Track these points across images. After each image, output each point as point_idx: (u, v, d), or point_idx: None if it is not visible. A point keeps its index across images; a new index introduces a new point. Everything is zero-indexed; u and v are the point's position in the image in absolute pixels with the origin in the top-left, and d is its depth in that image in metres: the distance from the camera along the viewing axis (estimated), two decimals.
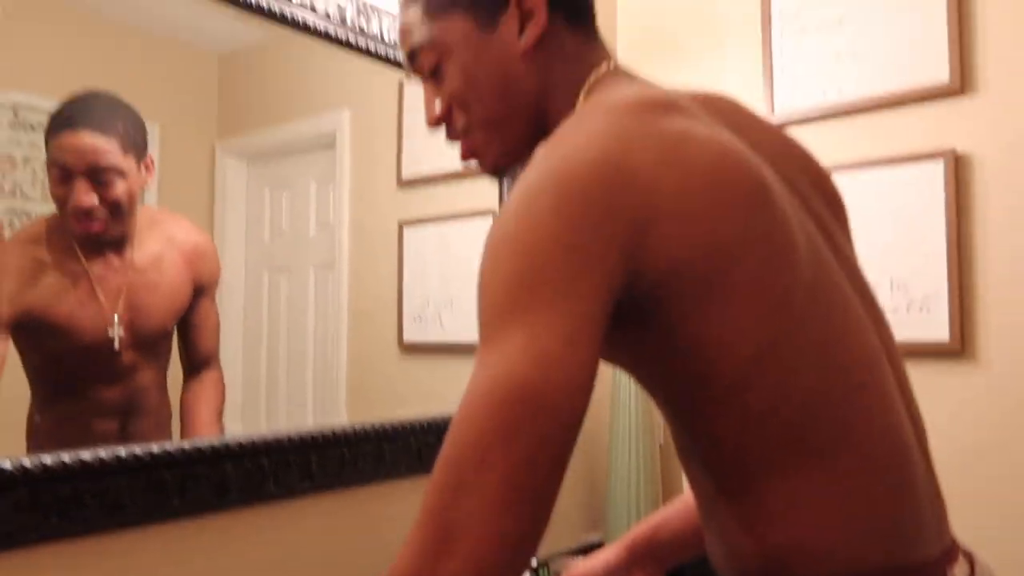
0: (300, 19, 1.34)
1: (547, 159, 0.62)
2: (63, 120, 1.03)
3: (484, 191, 1.72)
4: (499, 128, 0.79)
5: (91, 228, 1.05)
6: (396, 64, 1.51)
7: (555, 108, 0.79)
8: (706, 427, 0.66)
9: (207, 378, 1.24)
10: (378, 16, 1.46)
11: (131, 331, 1.10)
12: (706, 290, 0.61)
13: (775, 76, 1.83)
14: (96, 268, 1.06)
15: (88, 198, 1.04)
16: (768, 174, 0.68)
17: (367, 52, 1.45)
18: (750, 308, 0.62)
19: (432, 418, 1.54)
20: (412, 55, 0.82)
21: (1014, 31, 1.55)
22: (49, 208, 1.06)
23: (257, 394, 1.35)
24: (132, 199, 1.10)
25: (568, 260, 0.57)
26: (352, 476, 1.39)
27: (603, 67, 0.78)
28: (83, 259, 1.04)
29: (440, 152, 1.65)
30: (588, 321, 0.57)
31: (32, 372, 1.01)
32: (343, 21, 1.39)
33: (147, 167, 1.13)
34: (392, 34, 1.48)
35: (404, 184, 1.59)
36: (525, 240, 0.58)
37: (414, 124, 1.60)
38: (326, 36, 1.38)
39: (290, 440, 1.30)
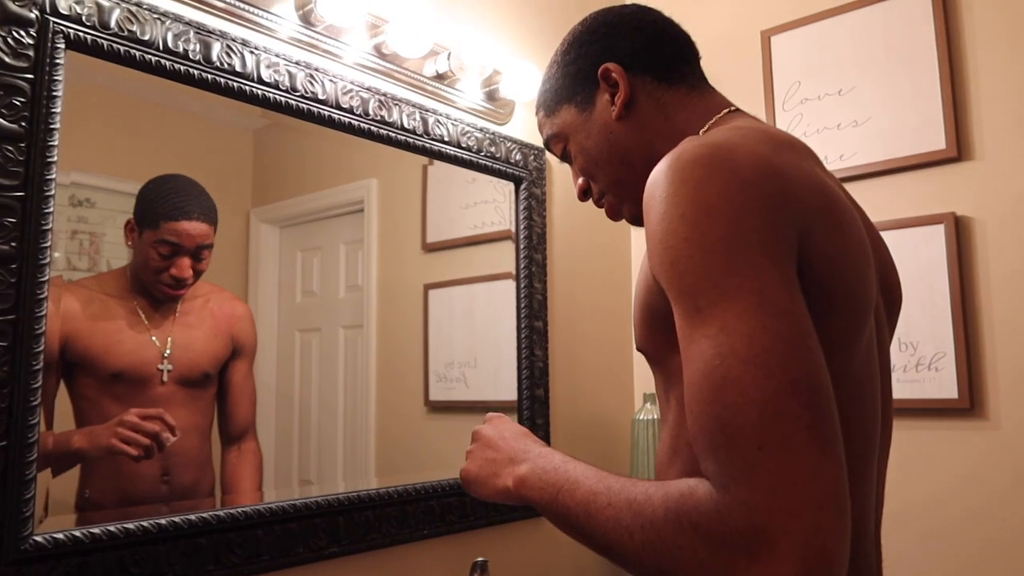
0: (326, 115, 1.39)
1: (703, 145, 0.64)
2: (179, 209, 1.20)
3: (504, 256, 1.77)
4: (624, 185, 0.89)
5: (177, 293, 1.23)
6: (415, 149, 1.56)
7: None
8: None
9: (246, 448, 1.30)
10: (399, 107, 1.52)
11: (177, 366, 1.22)
12: (819, 308, 0.63)
13: None
14: (149, 311, 1.22)
15: (188, 272, 1.22)
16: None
17: (388, 140, 1.51)
18: (834, 343, 0.66)
19: (453, 479, 1.54)
20: (548, 147, 0.98)
21: (1006, 100, 1.63)
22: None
23: (290, 453, 1.37)
24: None
25: (766, 223, 0.60)
26: (377, 539, 1.40)
27: (723, 111, 0.86)
28: (138, 303, 1.20)
29: (462, 219, 1.70)
30: (795, 277, 0.60)
31: (82, 408, 1.13)
32: (366, 114, 1.45)
33: None
34: (411, 122, 1.54)
35: (429, 248, 1.63)
36: (718, 206, 0.60)
37: (437, 195, 1.65)
38: (350, 128, 1.44)
39: (318, 505, 1.31)
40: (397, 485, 1.45)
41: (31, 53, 1.02)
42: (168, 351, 1.20)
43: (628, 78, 0.86)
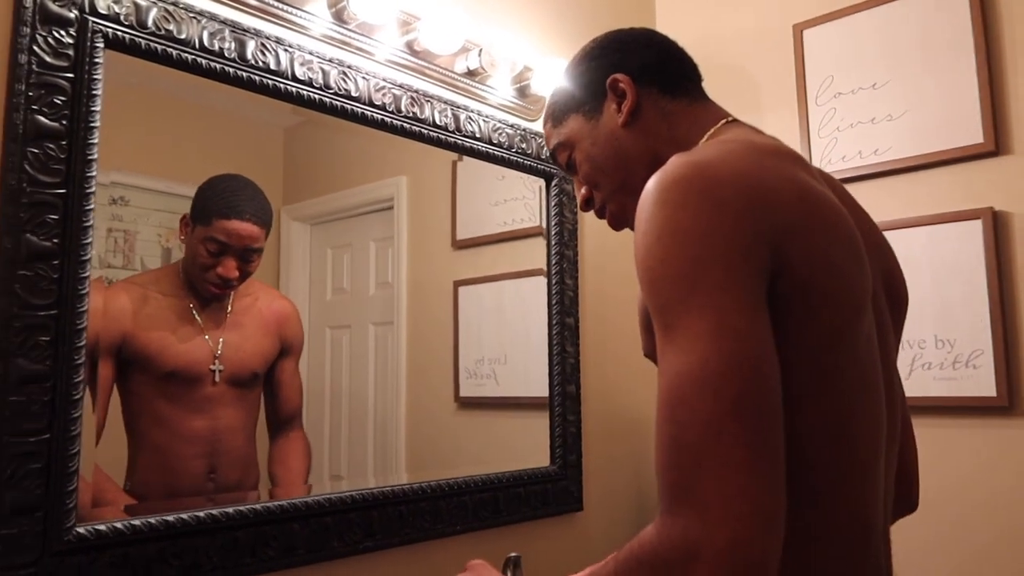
0: (359, 113, 1.39)
1: (685, 165, 0.68)
2: (232, 208, 1.21)
3: (534, 252, 1.77)
4: (625, 193, 0.92)
5: (223, 292, 1.24)
6: (446, 145, 1.57)
7: None
8: None
9: (293, 436, 1.32)
10: (431, 104, 1.52)
11: (228, 366, 1.23)
12: (804, 307, 0.67)
13: (811, 136, 1.89)
14: (201, 311, 1.22)
15: (233, 272, 1.23)
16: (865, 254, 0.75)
17: (420, 137, 1.51)
18: (829, 338, 0.69)
19: (485, 476, 1.55)
20: (554, 157, 1.00)
21: None
22: (125, 274, 1.15)
23: (320, 449, 1.38)
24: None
25: (735, 246, 0.63)
26: (411, 533, 1.40)
27: (721, 122, 0.89)
28: (192, 302, 1.21)
29: (492, 216, 1.70)
30: (760, 298, 0.63)
31: (132, 404, 1.14)
32: (398, 111, 1.46)
33: None
34: (443, 118, 1.54)
35: (459, 245, 1.63)
36: (691, 229, 0.64)
37: (467, 191, 1.65)
38: (383, 125, 1.44)
39: (353, 500, 1.32)
40: (430, 480, 1.45)
41: (71, 52, 1.03)
42: (220, 351, 1.22)
43: (636, 88, 0.90)
